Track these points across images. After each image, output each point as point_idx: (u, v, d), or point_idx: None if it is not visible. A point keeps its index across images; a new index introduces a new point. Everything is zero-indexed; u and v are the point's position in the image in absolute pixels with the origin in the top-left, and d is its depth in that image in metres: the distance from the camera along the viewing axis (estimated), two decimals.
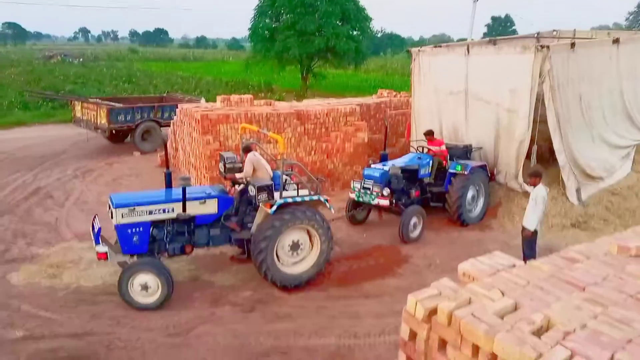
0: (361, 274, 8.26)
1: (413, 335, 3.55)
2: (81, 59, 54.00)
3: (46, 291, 7.43)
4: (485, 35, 77.12)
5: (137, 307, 6.84)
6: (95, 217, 7.61)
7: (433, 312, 3.37)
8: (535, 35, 15.12)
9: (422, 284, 7.14)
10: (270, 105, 13.53)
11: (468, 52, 11.39)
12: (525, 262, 4.09)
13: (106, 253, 6.94)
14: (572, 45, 10.73)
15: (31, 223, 10.29)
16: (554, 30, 15.23)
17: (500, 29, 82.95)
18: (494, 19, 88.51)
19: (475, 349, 3.05)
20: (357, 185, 10.01)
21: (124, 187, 12.74)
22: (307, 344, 6.14)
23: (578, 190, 10.81)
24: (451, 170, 10.39)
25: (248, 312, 6.95)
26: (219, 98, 13.54)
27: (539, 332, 2.98)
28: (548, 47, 10.08)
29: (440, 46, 13.36)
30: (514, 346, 2.80)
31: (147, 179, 13.53)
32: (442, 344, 3.32)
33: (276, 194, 7.42)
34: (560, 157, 10.62)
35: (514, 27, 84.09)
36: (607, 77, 11.78)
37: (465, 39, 39.43)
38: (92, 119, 16.31)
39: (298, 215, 7.40)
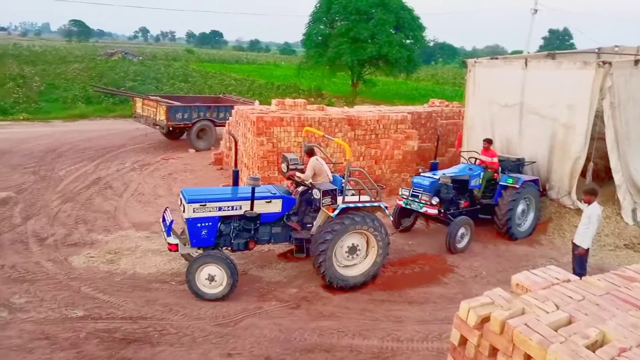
0: (405, 280, 8.29)
1: (463, 341, 3.59)
2: (140, 58, 56.06)
3: (104, 275, 7.85)
4: (541, 48, 75.03)
5: (203, 297, 7.13)
6: (166, 209, 7.98)
7: (485, 319, 3.42)
8: (596, 50, 14.71)
9: (468, 294, 7.19)
10: (322, 110, 13.72)
11: (526, 65, 11.23)
12: (581, 278, 4.07)
13: (177, 245, 7.32)
14: (636, 62, 10.42)
15: (92, 211, 10.84)
16: (615, 46, 14.76)
17: (557, 42, 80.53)
18: (551, 32, 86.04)
19: (527, 359, 3.08)
20: (406, 193, 10.04)
21: (179, 182, 13.22)
22: (351, 344, 6.24)
23: (634, 211, 10.47)
24: (502, 183, 10.27)
25: (294, 309, 7.13)
26: (273, 101, 13.85)
27: (593, 347, 2.99)
28: (610, 63, 9.84)
29: (497, 58, 13.22)
30: (568, 358, 2.82)
31: (201, 175, 14.02)
32: (493, 352, 3.37)
33: (339, 199, 7.59)
34: (617, 176, 10.34)
35: (572, 41, 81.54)
36: None
37: (520, 51, 38.68)
38: (152, 116, 16.98)
39: (359, 220, 7.56)
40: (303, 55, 36.55)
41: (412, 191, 9.94)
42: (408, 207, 9.99)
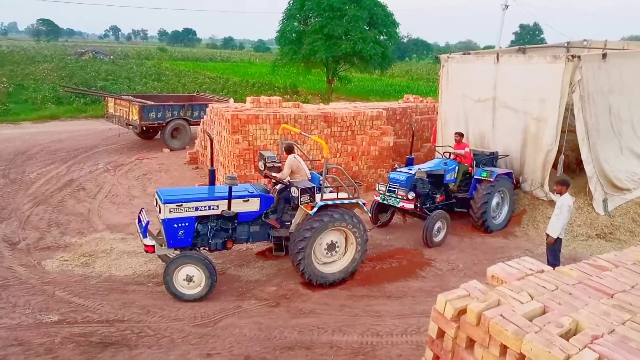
0: (384, 275, 8.36)
1: (441, 333, 3.64)
2: (112, 57, 55.12)
3: (79, 279, 7.70)
4: (512, 43, 76.27)
5: (180, 298, 7.06)
6: (142, 210, 7.85)
7: (462, 311, 3.47)
8: (566, 44, 15.00)
9: (445, 287, 7.28)
10: (298, 107, 13.71)
11: (497, 60, 11.40)
12: (554, 268, 4.16)
13: (154, 246, 7.20)
14: (604, 55, 10.67)
15: (65, 213, 10.63)
16: (584, 40, 15.08)
17: (528, 37, 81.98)
18: (522, 27, 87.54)
19: (503, 349, 3.14)
20: (382, 188, 10.11)
21: (154, 182, 13.06)
22: (331, 340, 6.25)
23: (605, 201, 10.72)
24: (477, 177, 10.42)
25: (273, 307, 7.11)
26: (248, 99, 13.78)
27: (567, 335, 3.07)
28: (579, 57, 10.05)
29: (469, 53, 13.38)
30: (543, 347, 2.88)
31: (176, 175, 13.85)
32: (470, 343, 3.42)
33: (317, 197, 7.59)
34: (588, 168, 10.56)
35: (542, 36, 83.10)
36: (638, 88, 11.66)
37: (492, 46, 39.28)
38: (125, 115, 16.70)
39: (337, 217, 7.58)
40: (277, 52, 36.44)
41: (389, 187, 10.01)
42: (385, 202, 10.06)
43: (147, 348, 5.91)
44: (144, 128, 16.75)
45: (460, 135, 10.83)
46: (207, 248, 7.70)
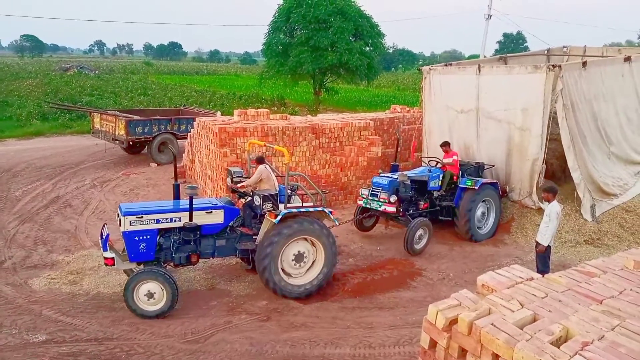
0: (375, 285, 8.34)
1: (433, 344, 3.63)
2: (97, 72, 54.90)
3: (67, 297, 7.60)
4: (497, 52, 77.21)
5: (141, 314, 6.93)
6: (104, 225, 7.77)
7: (453, 321, 3.47)
8: (546, 51, 15.19)
9: (436, 297, 7.29)
10: (286, 119, 13.74)
11: (479, 71, 11.43)
12: (543, 276, 4.18)
13: (113, 259, 7.06)
14: (584, 64, 10.81)
15: (51, 231, 10.50)
16: (564, 47, 15.28)
17: (512, 45, 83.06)
18: (506, 35, 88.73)
19: (495, 358, 3.14)
20: (365, 192, 10.16)
21: (141, 197, 12.96)
22: (323, 353, 6.22)
23: (592, 207, 10.82)
24: (461, 185, 10.45)
25: (264, 321, 7.06)
26: (236, 112, 13.78)
27: (557, 343, 3.07)
28: (560, 66, 10.15)
29: (451, 64, 13.42)
30: (534, 355, 2.89)
31: (164, 189, 13.71)
32: (462, 353, 3.41)
33: (281, 206, 7.55)
34: (575, 175, 10.62)
35: (526, 45, 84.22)
36: (621, 95, 11.83)
37: (476, 55, 39.75)
38: (111, 131, 16.61)
39: (297, 227, 7.51)
40: (264, 64, 36.57)
41: (372, 190, 10.06)
42: (368, 206, 10.09)
43: None
44: (131, 143, 16.64)
45: (447, 144, 10.88)
46: (171, 263, 7.55)
